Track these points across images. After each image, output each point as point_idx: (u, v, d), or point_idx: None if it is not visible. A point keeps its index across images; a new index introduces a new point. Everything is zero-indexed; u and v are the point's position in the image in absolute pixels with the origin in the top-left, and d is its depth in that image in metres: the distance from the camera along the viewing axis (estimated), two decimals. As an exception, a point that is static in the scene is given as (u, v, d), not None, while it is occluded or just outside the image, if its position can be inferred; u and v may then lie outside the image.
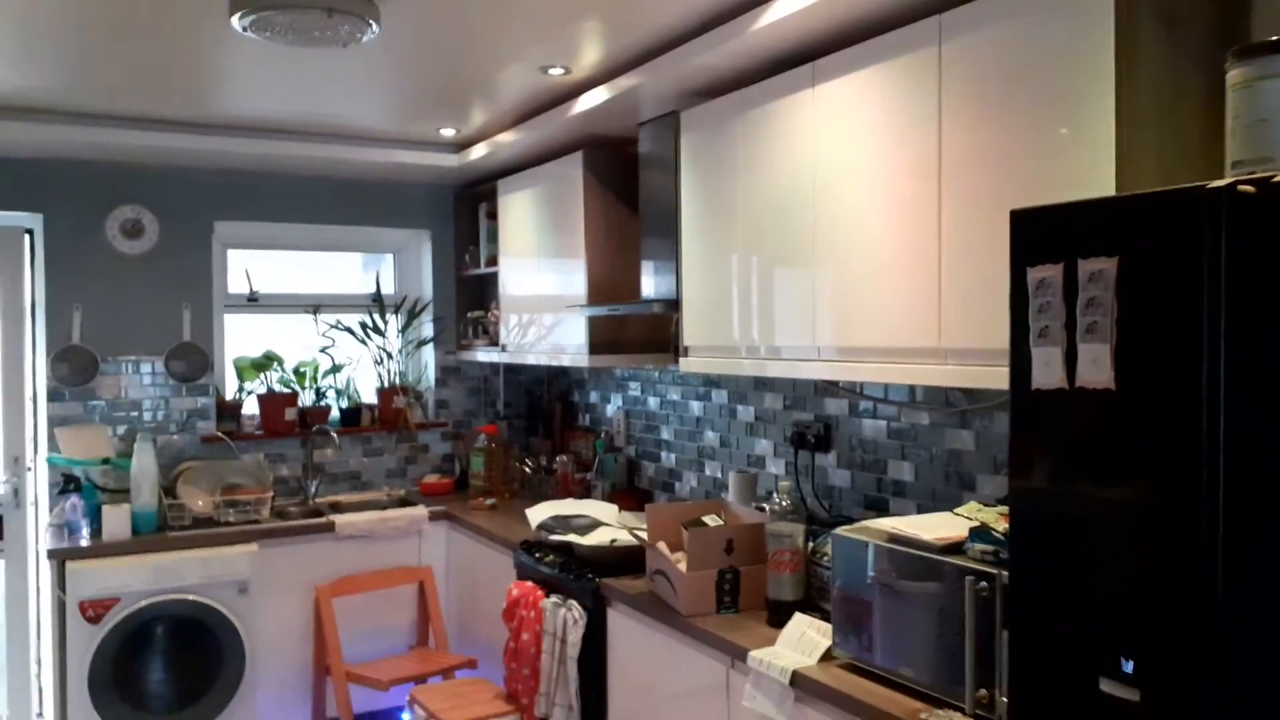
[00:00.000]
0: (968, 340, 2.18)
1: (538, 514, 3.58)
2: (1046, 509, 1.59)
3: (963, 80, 2.19)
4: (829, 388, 3.17)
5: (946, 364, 2.25)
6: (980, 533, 1.95)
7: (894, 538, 2.14)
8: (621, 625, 3.00)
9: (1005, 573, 1.82)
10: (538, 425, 5.07)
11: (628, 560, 3.13)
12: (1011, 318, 1.63)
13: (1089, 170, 1.91)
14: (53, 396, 4.15)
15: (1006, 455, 2.52)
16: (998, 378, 2.07)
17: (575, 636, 3.07)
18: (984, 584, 1.87)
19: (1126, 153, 1.87)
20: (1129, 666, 1.45)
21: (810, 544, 2.66)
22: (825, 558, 2.56)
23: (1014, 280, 1.62)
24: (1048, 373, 1.55)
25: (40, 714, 4.29)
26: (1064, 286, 1.53)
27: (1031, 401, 1.59)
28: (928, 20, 2.28)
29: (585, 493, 4.27)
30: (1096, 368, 1.47)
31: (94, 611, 3.60)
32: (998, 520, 2.00)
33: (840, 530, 2.28)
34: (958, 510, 2.20)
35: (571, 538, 3.31)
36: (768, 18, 2.50)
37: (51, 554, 3.67)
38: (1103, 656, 1.49)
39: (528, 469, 4.70)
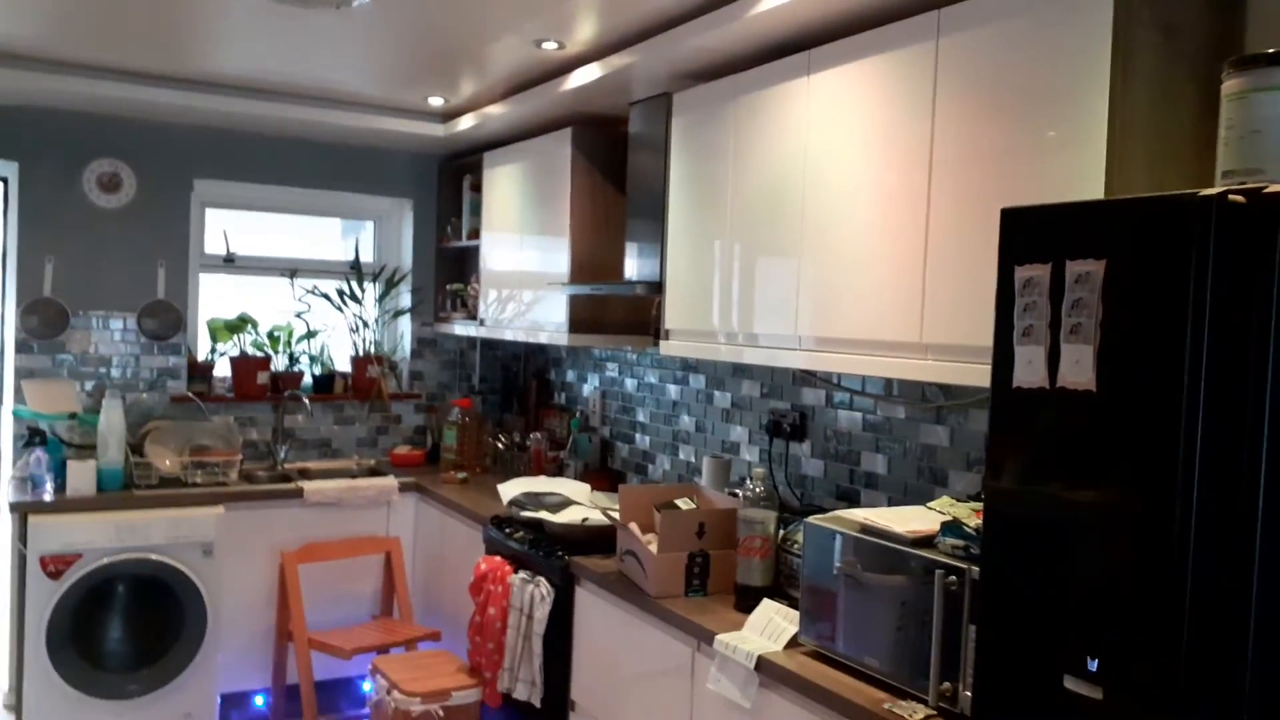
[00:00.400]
0: (949, 336, 2.20)
1: (510, 490, 3.58)
2: (1021, 506, 1.61)
3: (958, 77, 2.20)
4: (806, 377, 3.18)
5: (926, 359, 2.26)
6: (952, 527, 1.97)
7: (866, 528, 2.15)
8: (589, 604, 3.00)
9: (975, 568, 1.84)
10: (513, 401, 5.05)
11: (598, 539, 3.13)
12: (997, 315, 1.64)
13: (1079, 174, 1.92)
14: (21, 348, 4.08)
15: (980, 452, 2.55)
16: (977, 375, 2.10)
17: (542, 613, 3.07)
18: (953, 578, 1.88)
19: (1117, 158, 1.88)
20: (1094, 665, 1.47)
21: (781, 531, 2.67)
22: (796, 545, 2.57)
23: (1001, 278, 1.63)
24: (1030, 371, 1.56)
25: (-5, 668, 4.24)
26: (1051, 287, 1.54)
27: (1012, 399, 1.61)
28: (926, 15, 2.28)
29: (558, 471, 4.27)
30: (1079, 369, 1.48)
31: (55, 567, 3.56)
32: (970, 516, 2.02)
33: (812, 519, 2.29)
34: (930, 504, 2.22)
35: (543, 515, 3.31)
36: (766, 3, 2.49)
37: (14, 507, 3.62)
38: (1068, 654, 1.51)
39: (501, 444, 4.69)
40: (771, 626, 2.40)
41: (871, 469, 2.93)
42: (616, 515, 3.00)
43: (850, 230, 2.48)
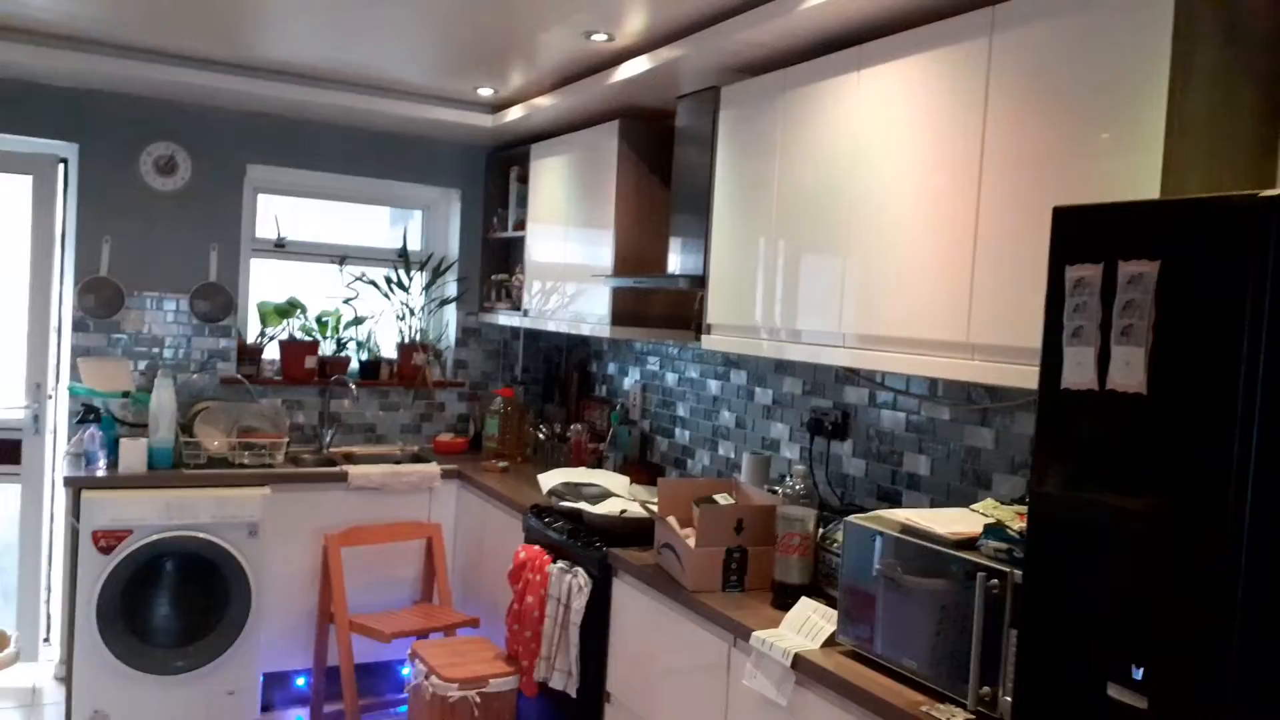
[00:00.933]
0: (997, 337, 2.17)
1: (549, 480, 3.60)
2: (1067, 509, 1.58)
3: (1011, 75, 2.16)
4: (849, 376, 3.15)
5: (973, 359, 2.24)
6: (995, 530, 1.95)
7: (907, 529, 2.13)
8: (626, 595, 3.01)
9: (1018, 571, 1.81)
10: (554, 392, 5.08)
11: (636, 532, 3.14)
12: (1046, 315, 1.61)
13: (1133, 176, 1.88)
14: (77, 326, 4.18)
15: (1025, 455, 2.52)
16: (1024, 376, 2.07)
17: (579, 603, 3.08)
18: (995, 581, 1.86)
19: (1174, 160, 1.84)
20: (1139, 673, 1.45)
21: (821, 530, 2.66)
22: (835, 544, 2.56)
23: (1051, 278, 1.61)
24: (1079, 373, 1.54)
25: (47, 639, 4.36)
26: (1102, 287, 1.51)
27: (1060, 400, 1.58)
28: (980, 11, 2.25)
29: (598, 463, 4.29)
30: (1129, 371, 1.46)
31: (106, 542, 3.65)
32: (1014, 519, 1.99)
33: (853, 518, 2.28)
34: (974, 506, 2.20)
35: (582, 505, 3.33)
36: (819, -3, 2.47)
37: (68, 482, 3.71)
38: (1113, 662, 1.49)
39: (541, 435, 4.71)
40: (809, 625, 2.39)
41: (914, 470, 2.90)
42: (655, 508, 3.01)
43: (898, 228, 2.46)
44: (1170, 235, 1.43)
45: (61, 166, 4.25)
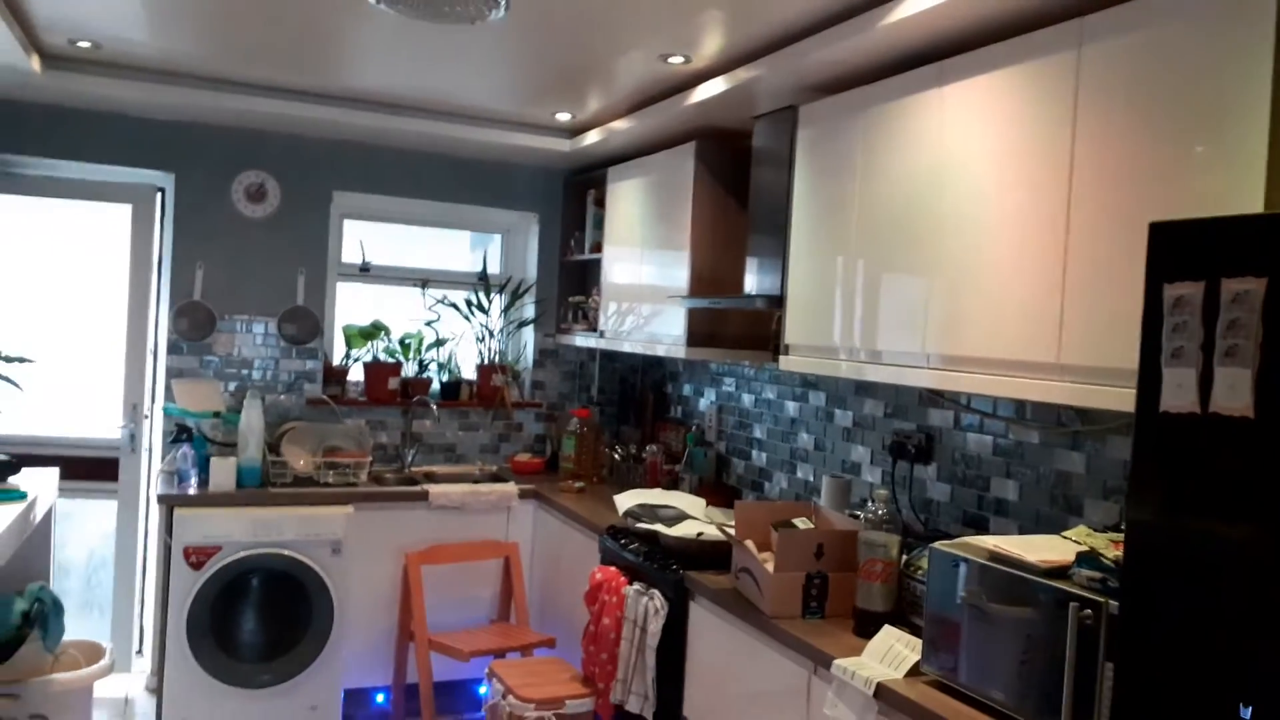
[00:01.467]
0: (1088, 358, 2.10)
1: (625, 501, 3.59)
2: (1166, 537, 1.51)
3: (1101, 88, 2.10)
4: (933, 398, 3.08)
5: (1064, 381, 2.16)
6: (1089, 558, 1.87)
7: (995, 556, 2.07)
8: (703, 619, 2.98)
9: (1113, 602, 1.74)
10: (630, 413, 5.08)
11: (713, 555, 3.11)
12: (1143, 335, 1.55)
13: (1233, 192, 1.80)
14: (171, 349, 4.33)
15: (1118, 481, 2.42)
16: (1119, 399, 1.99)
17: (656, 626, 3.06)
18: (1089, 611, 1.79)
19: (1278, 176, 1.76)
20: (1247, 713, 1.37)
21: (905, 556, 2.60)
22: (920, 571, 2.49)
23: (1149, 296, 1.54)
24: (1179, 395, 1.47)
25: (140, 651, 4.50)
26: (1204, 306, 1.45)
27: (1159, 424, 1.51)
28: (1067, 23, 2.19)
29: (673, 484, 4.27)
30: (1234, 394, 1.39)
31: (197, 558, 3.75)
32: (1108, 547, 1.92)
33: (939, 544, 2.22)
34: (1066, 534, 2.12)
35: (658, 527, 3.31)
36: (898, 14, 2.44)
37: (161, 499, 3.84)
38: (1219, 700, 1.41)
39: (617, 456, 4.71)
40: (892, 653, 2.33)
41: (1001, 495, 2.82)
42: (732, 531, 2.98)
43: (983, 246, 2.40)
44: (1277, 251, 1.37)
45: (159, 195, 4.42)
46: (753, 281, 3.42)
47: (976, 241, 2.42)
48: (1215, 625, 1.43)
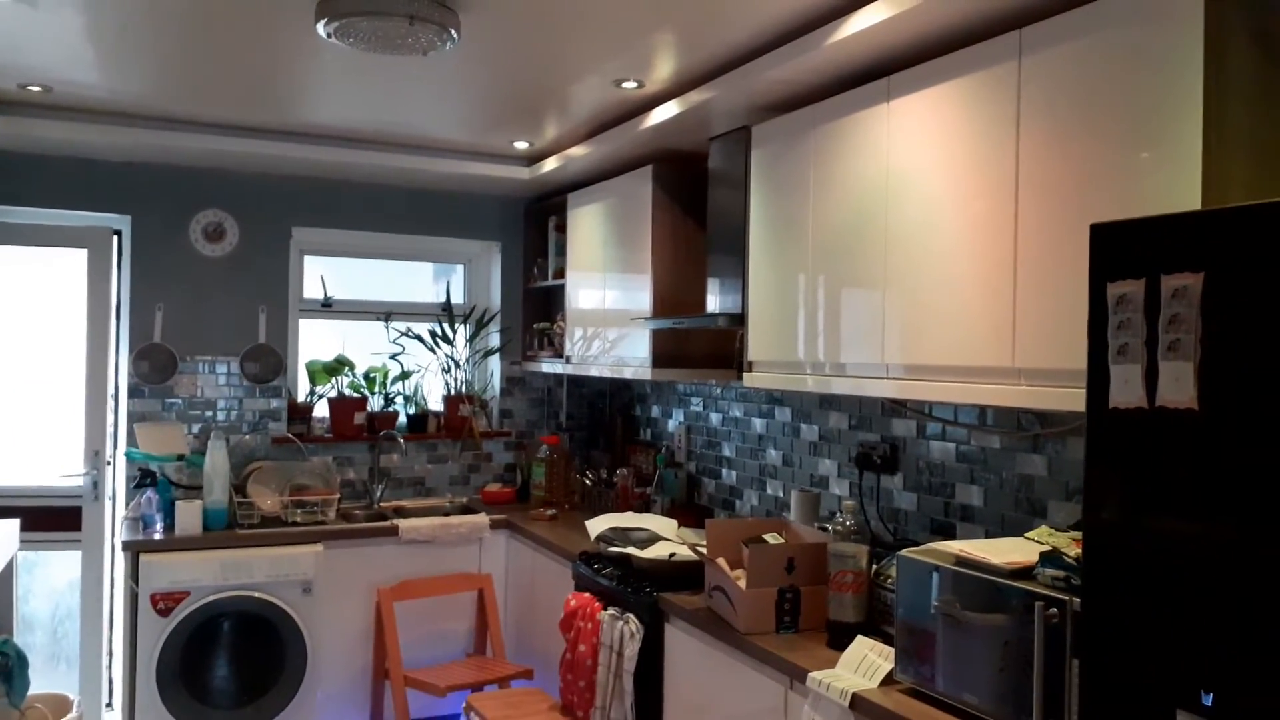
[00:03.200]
0: (1043, 360, 2.13)
1: (597, 525, 3.58)
2: (1123, 533, 1.54)
3: (1042, 97, 2.15)
4: (896, 408, 3.11)
5: (1020, 384, 2.20)
6: (1051, 558, 1.89)
7: (961, 560, 2.08)
8: (679, 641, 2.97)
9: (1077, 599, 1.76)
10: (599, 438, 5.08)
11: (686, 575, 3.11)
12: (1090, 334, 1.58)
13: (1172, 192, 1.85)
14: (133, 393, 4.28)
15: (1079, 481, 2.46)
16: (1073, 399, 2.02)
17: (632, 650, 3.05)
18: (1054, 610, 1.81)
19: (1214, 174, 1.81)
20: (1208, 699, 1.39)
21: (874, 566, 2.61)
22: (889, 580, 2.51)
23: (1093, 295, 1.58)
24: (1127, 391, 1.50)
25: (110, 704, 4.40)
26: (1145, 302, 1.48)
27: (1109, 420, 1.54)
28: (1007, 35, 2.25)
29: (645, 507, 4.26)
30: (1179, 387, 1.42)
31: (164, 604, 3.69)
32: (1070, 545, 1.94)
33: (906, 552, 2.23)
34: (1029, 535, 2.14)
35: (630, 550, 3.30)
36: (843, 32, 2.49)
37: (126, 546, 3.78)
38: (1180, 688, 1.43)
39: (588, 481, 4.70)
40: (866, 663, 2.33)
41: (967, 501, 2.85)
42: (704, 550, 2.98)
43: (936, 255, 2.44)
44: (1213, 246, 1.40)
45: (115, 238, 4.38)
46: (714, 301, 3.44)
47: (928, 251, 2.46)
48: (1174, 615, 1.45)
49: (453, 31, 2.57)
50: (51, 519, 4.28)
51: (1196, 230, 1.43)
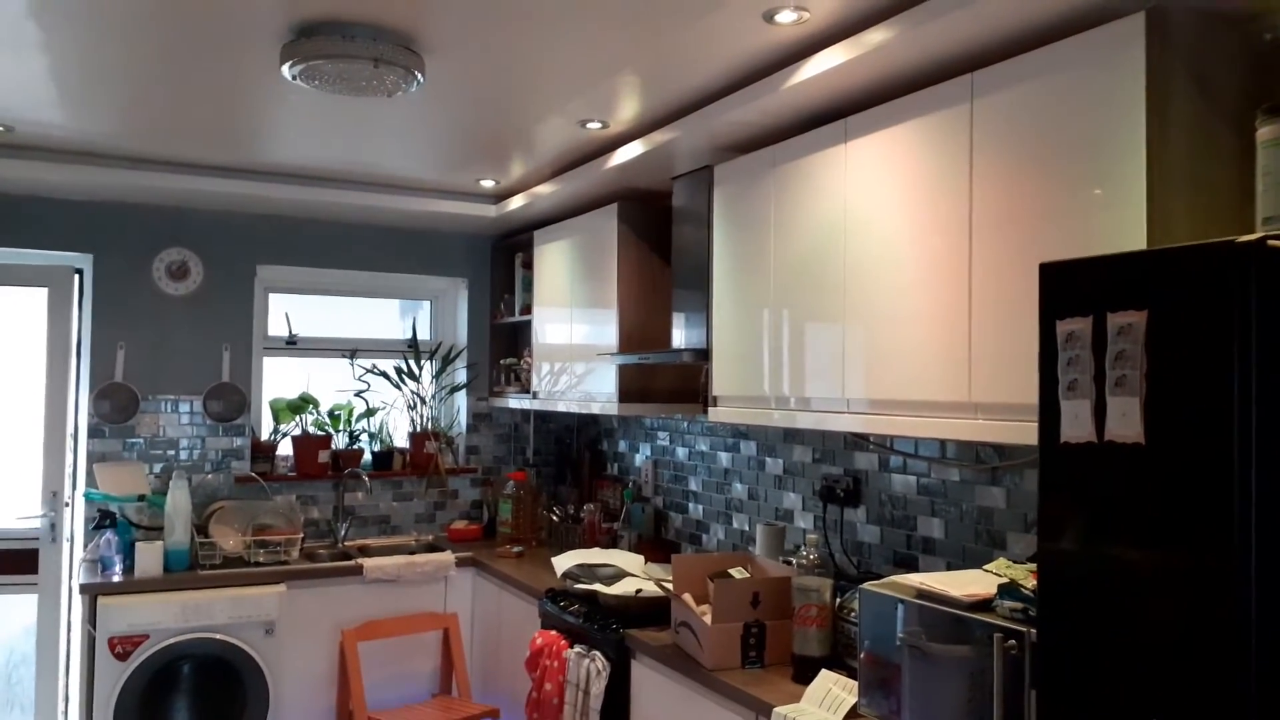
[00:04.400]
0: (998, 395, 2.17)
1: (563, 562, 3.57)
2: (1075, 564, 1.57)
3: (994, 138, 2.21)
4: (859, 442, 3.15)
5: (977, 418, 2.24)
6: (1009, 589, 1.92)
7: (922, 593, 2.11)
8: (645, 677, 2.97)
9: (1034, 630, 1.79)
10: (566, 473, 5.07)
11: (653, 611, 3.11)
12: (1040, 370, 1.63)
13: (1121, 229, 1.91)
14: (93, 433, 4.23)
15: (1035, 513, 2.50)
16: (1028, 433, 2.06)
17: (598, 688, 3.04)
18: (1012, 641, 1.83)
19: (1158, 211, 1.87)
20: (1160, 728, 1.42)
21: (838, 599, 2.63)
22: (853, 614, 2.52)
23: (1043, 333, 1.62)
24: (1077, 426, 1.54)
25: (65, 750, 4.30)
26: (1093, 339, 1.52)
27: (1061, 454, 1.58)
28: (960, 78, 2.31)
29: (612, 542, 4.26)
30: (1126, 422, 1.46)
31: (122, 648, 3.62)
32: (1027, 577, 1.97)
33: (867, 585, 2.25)
34: (987, 567, 2.17)
35: (597, 587, 3.30)
36: (801, 75, 2.55)
37: (84, 589, 3.71)
38: (1133, 716, 1.46)
39: (555, 517, 4.69)
40: (830, 698, 2.35)
41: (928, 533, 2.88)
42: (670, 586, 2.98)
43: (893, 292, 2.49)
44: (1155, 284, 1.45)
45: (77, 277, 4.35)
46: (680, 336, 3.48)
47: (886, 288, 2.51)
48: (1125, 644, 1.48)
49: (418, 74, 2.60)
50: (7, 562, 4.20)
51: (1140, 269, 1.48)
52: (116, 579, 3.77)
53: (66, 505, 4.30)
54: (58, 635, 4.26)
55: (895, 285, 2.48)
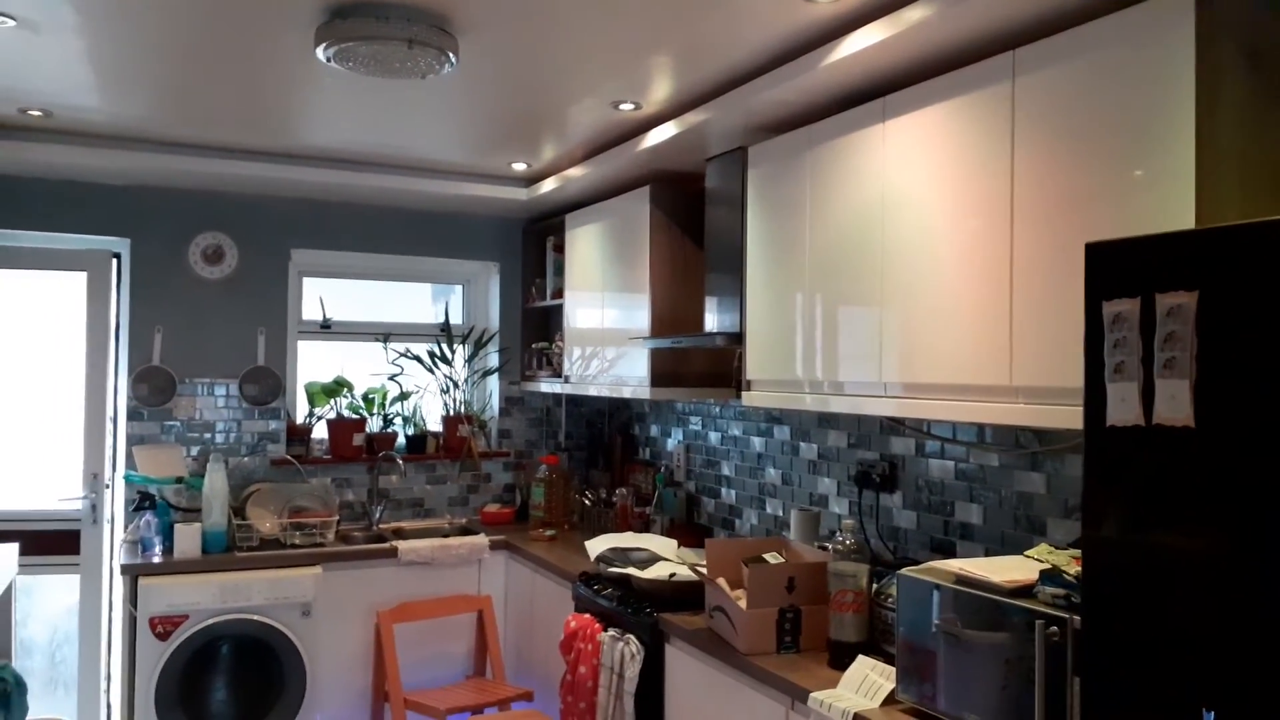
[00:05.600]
0: (1040, 378, 2.14)
1: (597, 546, 3.58)
2: (1121, 550, 1.54)
3: (1036, 116, 2.17)
4: (894, 426, 3.12)
5: (1018, 402, 2.20)
6: (1051, 576, 1.89)
7: (961, 579, 2.08)
8: (680, 661, 2.97)
9: (1077, 617, 1.76)
10: (598, 457, 5.08)
11: (687, 595, 3.10)
12: (1086, 353, 1.59)
13: (1167, 209, 1.86)
14: (132, 416, 4.28)
15: (1078, 499, 2.46)
16: (1071, 417, 2.03)
17: (633, 672, 3.04)
18: (1055, 628, 1.81)
19: (1208, 191, 1.82)
20: (1210, 717, 1.39)
21: (874, 585, 2.61)
22: (889, 599, 2.50)
23: (1089, 314, 1.59)
24: (1124, 409, 1.51)
25: (107, 727, 4.38)
26: (1141, 321, 1.49)
27: (1107, 438, 1.55)
28: (1001, 56, 2.27)
29: (644, 526, 4.26)
30: (1175, 405, 1.43)
31: (163, 628, 3.68)
32: (1070, 563, 1.94)
33: (906, 570, 2.23)
34: (1028, 553, 2.14)
35: (630, 571, 3.30)
36: (838, 54, 2.51)
37: (125, 569, 3.77)
38: (1182, 706, 1.43)
39: (588, 501, 4.70)
40: (867, 683, 2.33)
41: (966, 519, 2.85)
42: (704, 570, 2.97)
43: (932, 274, 2.45)
44: (1206, 264, 1.41)
45: (115, 261, 4.40)
46: (712, 320, 3.45)
47: (925, 270, 2.47)
48: (1174, 632, 1.45)
49: (451, 55, 2.59)
50: (50, 543, 4.27)
51: (1190, 249, 1.44)
52: (156, 560, 3.82)
53: (107, 487, 4.36)
54: (99, 615, 4.33)
55: (934, 268, 2.44)
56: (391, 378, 4.81)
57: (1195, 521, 1.42)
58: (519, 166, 4.22)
